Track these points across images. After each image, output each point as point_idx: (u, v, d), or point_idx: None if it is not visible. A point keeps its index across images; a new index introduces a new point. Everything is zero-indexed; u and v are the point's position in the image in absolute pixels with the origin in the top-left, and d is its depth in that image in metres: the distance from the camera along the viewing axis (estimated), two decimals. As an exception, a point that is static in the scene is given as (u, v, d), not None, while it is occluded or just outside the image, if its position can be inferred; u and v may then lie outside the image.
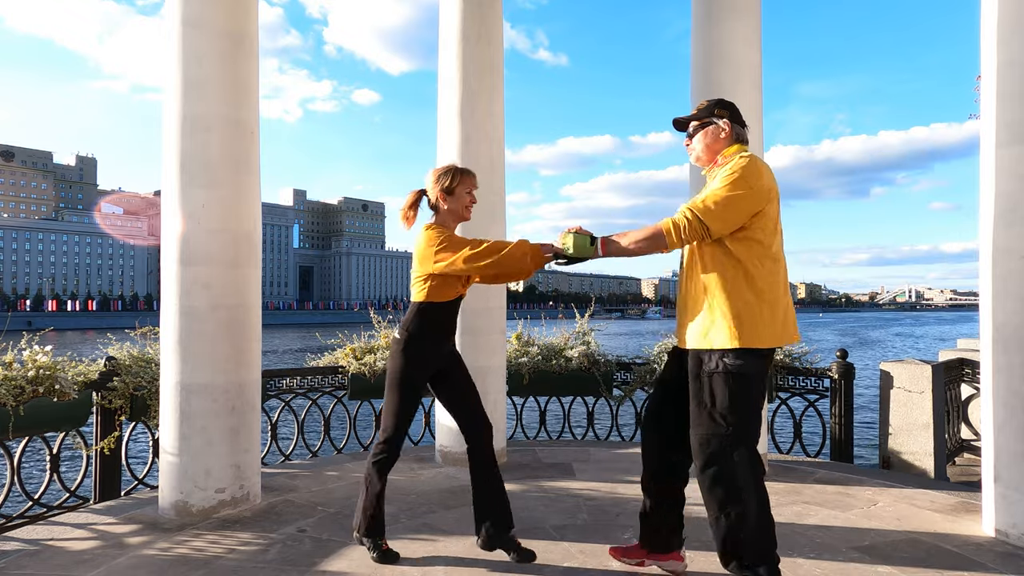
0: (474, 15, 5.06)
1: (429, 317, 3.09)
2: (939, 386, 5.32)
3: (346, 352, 5.90)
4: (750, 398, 2.58)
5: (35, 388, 4.08)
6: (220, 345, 3.89)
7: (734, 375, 2.54)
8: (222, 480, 3.89)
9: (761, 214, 2.57)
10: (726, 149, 2.74)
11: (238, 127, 3.98)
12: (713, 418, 2.55)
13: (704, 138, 2.78)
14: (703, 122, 2.79)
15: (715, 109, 2.78)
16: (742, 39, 4.78)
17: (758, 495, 2.54)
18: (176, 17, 3.89)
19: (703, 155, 2.79)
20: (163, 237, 3.95)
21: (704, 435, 2.57)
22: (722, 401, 2.54)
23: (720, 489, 2.54)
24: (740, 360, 2.53)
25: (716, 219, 2.52)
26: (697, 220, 2.52)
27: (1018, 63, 3.36)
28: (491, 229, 5.08)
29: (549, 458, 5.25)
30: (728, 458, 2.53)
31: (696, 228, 2.53)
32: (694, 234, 2.54)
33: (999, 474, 3.45)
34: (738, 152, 2.71)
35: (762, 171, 2.59)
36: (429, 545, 3.38)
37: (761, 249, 2.57)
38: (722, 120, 2.76)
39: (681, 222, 2.55)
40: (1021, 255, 3.35)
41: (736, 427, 2.54)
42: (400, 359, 3.09)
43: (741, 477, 2.53)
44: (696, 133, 2.81)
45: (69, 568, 3.12)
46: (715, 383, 2.55)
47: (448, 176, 3.12)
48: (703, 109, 2.81)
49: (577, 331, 6.44)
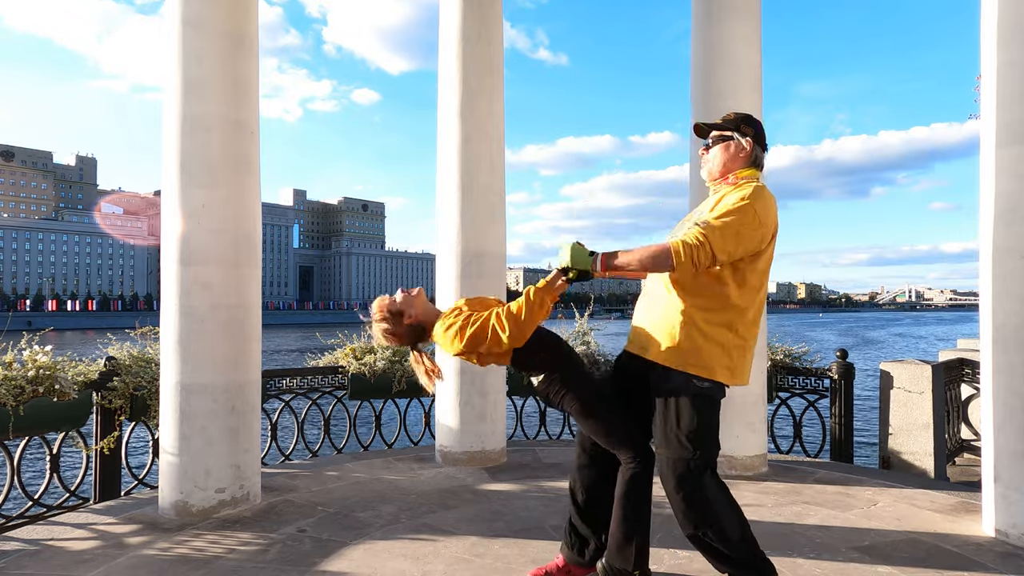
0: (474, 15, 5.05)
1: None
2: (939, 386, 5.32)
3: (346, 352, 5.90)
4: (715, 421, 2.57)
5: (35, 388, 4.08)
6: (220, 345, 3.89)
7: (703, 397, 2.50)
8: (222, 480, 3.88)
9: (759, 254, 2.49)
10: (741, 170, 2.60)
11: (238, 127, 3.98)
12: (680, 440, 2.50)
13: (723, 152, 2.62)
14: (726, 134, 2.64)
15: (741, 124, 2.63)
16: (742, 39, 4.78)
17: (732, 509, 2.53)
18: (176, 17, 3.89)
19: (716, 169, 2.64)
20: (163, 237, 3.95)
21: (672, 458, 2.52)
22: (690, 423, 2.49)
23: (694, 511, 2.51)
24: (710, 383, 2.50)
25: (723, 248, 2.37)
26: (709, 245, 2.35)
27: (1018, 63, 3.36)
28: (491, 229, 5.09)
29: (549, 458, 5.25)
30: (698, 480, 2.50)
31: (707, 254, 2.36)
32: (706, 259, 2.36)
33: (999, 474, 3.45)
34: (752, 178, 2.58)
35: (773, 208, 2.50)
36: (429, 545, 3.38)
37: (751, 285, 2.51)
38: (746, 138, 2.61)
39: (693, 243, 2.36)
40: (1021, 255, 3.35)
41: (703, 449, 2.52)
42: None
43: (714, 497, 2.51)
44: (716, 145, 2.65)
45: (69, 568, 3.12)
46: (683, 405, 2.50)
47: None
48: (729, 121, 2.65)
49: (577, 331, 6.45)
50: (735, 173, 2.61)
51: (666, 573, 2.97)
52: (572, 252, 2.45)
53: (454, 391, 5.00)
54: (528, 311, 2.47)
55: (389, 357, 5.83)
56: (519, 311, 2.47)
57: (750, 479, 4.57)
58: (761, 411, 4.87)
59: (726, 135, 2.64)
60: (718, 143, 2.65)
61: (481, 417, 5.01)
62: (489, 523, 3.70)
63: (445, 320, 2.58)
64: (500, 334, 2.46)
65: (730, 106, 4.75)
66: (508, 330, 2.45)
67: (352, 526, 3.66)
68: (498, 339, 2.47)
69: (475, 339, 2.50)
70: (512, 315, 2.47)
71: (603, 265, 2.46)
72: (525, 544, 3.37)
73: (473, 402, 4.97)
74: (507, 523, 3.70)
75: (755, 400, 4.80)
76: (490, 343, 2.48)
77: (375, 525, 3.67)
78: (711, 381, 2.50)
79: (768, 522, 3.67)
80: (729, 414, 4.71)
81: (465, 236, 5.02)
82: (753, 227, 2.41)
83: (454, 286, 5.02)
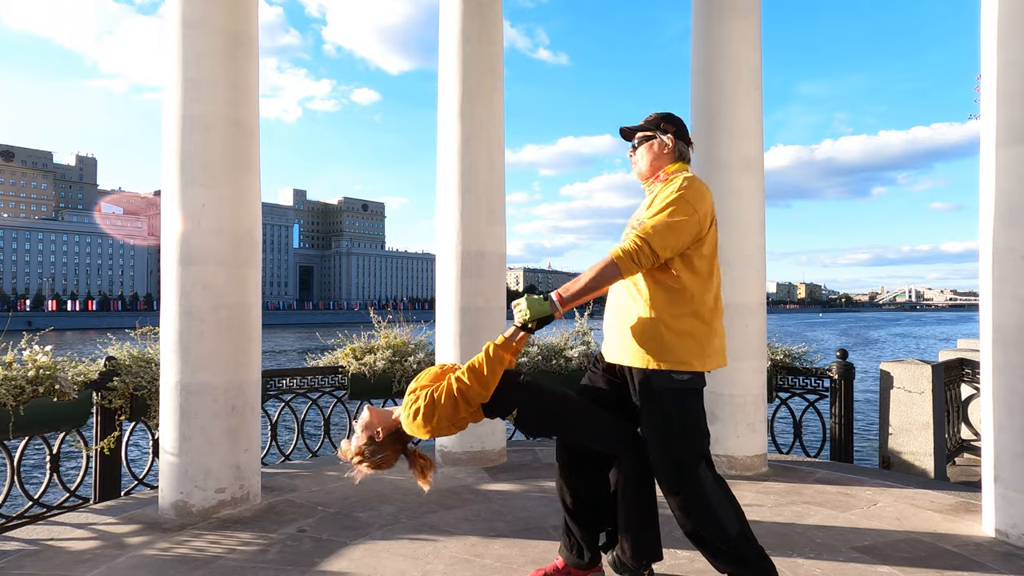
0: (474, 15, 5.05)
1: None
2: (939, 386, 5.32)
3: (346, 352, 5.90)
4: (701, 411, 2.61)
5: (35, 388, 4.08)
6: (220, 345, 3.89)
7: (685, 391, 2.54)
8: (222, 480, 3.88)
9: (701, 239, 2.55)
10: (669, 166, 2.71)
11: (238, 127, 3.98)
12: (670, 437, 2.53)
13: (648, 152, 2.73)
14: (648, 135, 2.75)
15: (661, 123, 2.74)
16: (742, 39, 4.78)
17: (731, 503, 2.54)
18: (176, 17, 3.89)
19: (645, 169, 2.74)
20: (163, 237, 3.95)
21: (664, 455, 2.54)
22: (676, 419, 2.53)
23: (692, 506, 2.53)
24: (689, 375, 2.54)
25: (663, 244, 2.47)
26: (647, 246, 2.46)
27: (1018, 63, 3.36)
28: (491, 229, 5.09)
29: (549, 458, 5.24)
30: (693, 473, 2.53)
31: (648, 254, 2.46)
32: (647, 260, 2.47)
33: (999, 474, 3.45)
34: (681, 171, 2.68)
35: (704, 194, 2.58)
36: (429, 545, 3.38)
37: (701, 272, 2.56)
38: (667, 135, 2.71)
39: (632, 249, 2.46)
40: (1021, 255, 3.35)
41: (694, 442, 2.55)
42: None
43: (710, 490, 2.53)
44: (640, 145, 2.76)
45: (69, 568, 3.12)
46: (667, 402, 2.53)
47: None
48: (650, 122, 2.76)
49: (576, 331, 6.45)
50: (663, 170, 2.71)
51: (666, 573, 2.97)
52: (529, 305, 2.51)
53: (454, 391, 4.99)
54: (489, 366, 2.49)
55: (389, 357, 5.83)
56: (480, 366, 2.49)
57: (750, 479, 4.57)
58: (761, 411, 4.87)
59: (649, 135, 2.75)
60: (643, 143, 2.76)
61: (481, 417, 5.01)
62: (489, 523, 3.70)
63: (407, 410, 2.57)
64: (466, 392, 2.48)
65: (730, 106, 4.78)
66: (472, 386, 2.48)
67: (352, 526, 3.66)
68: (466, 399, 2.49)
69: (445, 410, 2.50)
70: (474, 370, 2.50)
71: (560, 303, 2.52)
72: (525, 544, 3.37)
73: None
74: (507, 523, 3.70)
75: (755, 400, 4.80)
76: (459, 404, 2.49)
77: (375, 525, 3.67)
78: (690, 373, 2.54)
79: (768, 522, 3.67)
80: (729, 414, 4.73)
81: (465, 236, 5.02)
82: (687, 216, 2.50)
83: (454, 286, 5.03)
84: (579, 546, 2.82)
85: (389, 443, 2.66)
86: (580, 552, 2.82)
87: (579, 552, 2.83)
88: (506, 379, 2.63)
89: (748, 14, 4.81)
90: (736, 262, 4.70)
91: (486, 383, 2.50)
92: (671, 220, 2.48)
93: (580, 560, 2.83)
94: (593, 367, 2.87)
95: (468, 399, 2.50)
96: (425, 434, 2.55)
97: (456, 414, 2.52)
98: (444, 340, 5.08)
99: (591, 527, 2.82)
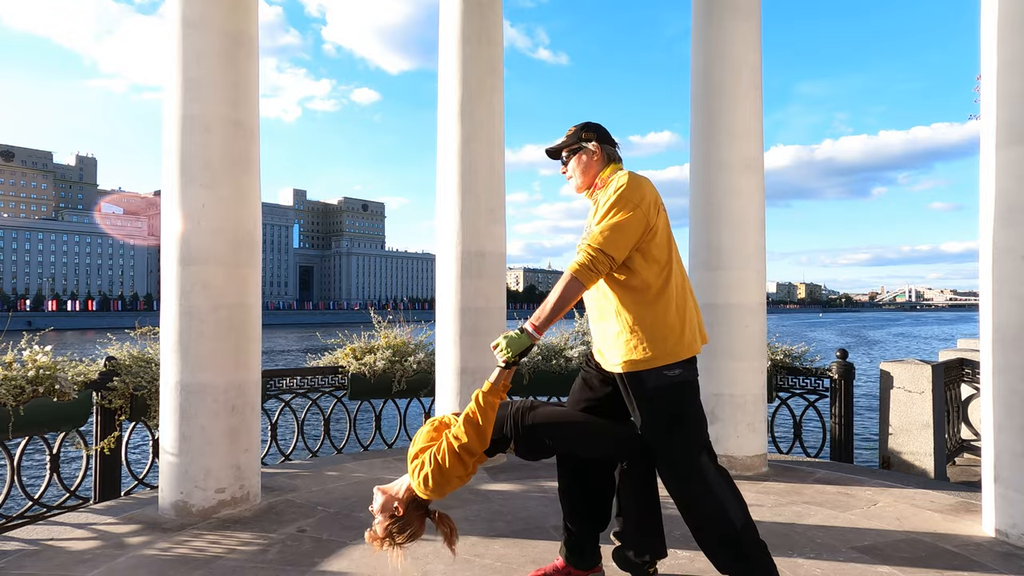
0: (474, 15, 5.05)
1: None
2: (939, 386, 5.32)
3: (346, 352, 5.90)
4: (697, 402, 2.62)
5: (35, 388, 4.08)
6: (220, 345, 3.89)
7: (679, 385, 2.55)
8: (222, 480, 3.88)
9: (652, 229, 2.57)
10: (602, 172, 2.73)
11: (238, 127, 3.98)
12: (669, 433, 2.55)
13: (577, 164, 2.76)
14: (572, 148, 2.78)
15: (582, 133, 2.77)
16: (742, 39, 4.78)
17: (733, 494, 2.55)
18: (176, 17, 3.89)
19: (580, 180, 2.77)
20: (163, 237, 3.95)
21: (666, 451, 2.56)
22: (674, 414, 2.55)
23: (696, 500, 2.54)
24: (678, 369, 2.55)
25: (615, 247, 2.50)
26: (600, 252, 2.49)
27: (1018, 63, 3.36)
28: (491, 229, 5.09)
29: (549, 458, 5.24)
30: (698, 469, 2.54)
31: (603, 260, 2.49)
32: (603, 267, 2.50)
33: (999, 474, 3.45)
34: (614, 172, 2.70)
35: (643, 186, 2.59)
36: (429, 545, 3.38)
37: (660, 259, 2.58)
38: (590, 143, 2.74)
39: (586, 260, 2.50)
40: (1021, 255, 3.35)
41: (693, 434, 2.57)
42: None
43: (713, 480, 2.54)
44: (569, 160, 2.79)
45: (69, 568, 3.12)
46: (662, 399, 2.54)
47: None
48: (571, 136, 2.79)
49: (576, 331, 6.45)
50: (599, 176, 2.74)
51: (666, 573, 2.96)
52: (509, 344, 2.52)
53: (454, 391, 5.00)
54: (483, 414, 2.50)
55: (389, 357, 5.83)
56: (474, 416, 2.50)
57: (750, 479, 4.57)
58: (761, 411, 4.87)
59: (574, 148, 2.78)
60: (571, 158, 2.79)
61: (481, 417, 5.00)
62: (489, 523, 3.70)
63: (416, 478, 2.57)
64: (468, 446, 2.49)
65: (730, 106, 4.78)
66: (471, 438, 2.48)
67: (352, 526, 3.66)
68: (468, 451, 2.50)
69: (453, 469, 2.50)
70: (469, 422, 2.51)
71: (536, 331, 2.54)
72: (525, 544, 3.37)
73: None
74: (507, 523, 3.70)
75: (755, 400, 4.80)
76: (464, 458, 2.50)
77: (375, 525, 3.67)
78: (679, 365, 2.55)
79: (768, 522, 3.67)
80: (729, 414, 4.73)
81: (465, 236, 5.02)
82: (630, 212, 2.51)
83: (454, 286, 5.03)
84: (579, 546, 2.83)
85: (411, 513, 2.66)
86: (580, 552, 2.83)
87: (579, 552, 2.83)
88: (499, 414, 2.64)
89: (748, 15, 4.81)
90: (736, 262, 4.70)
91: (483, 433, 2.51)
92: (616, 221, 2.50)
93: (580, 560, 2.83)
94: (586, 365, 2.88)
95: (470, 451, 2.51)
96: (438, 496, 2.57)
97: (464, 469, 2.53)
98: (444, 340, 5.08)
99: (592, 527, 2.82)
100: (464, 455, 2.50)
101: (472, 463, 2.55)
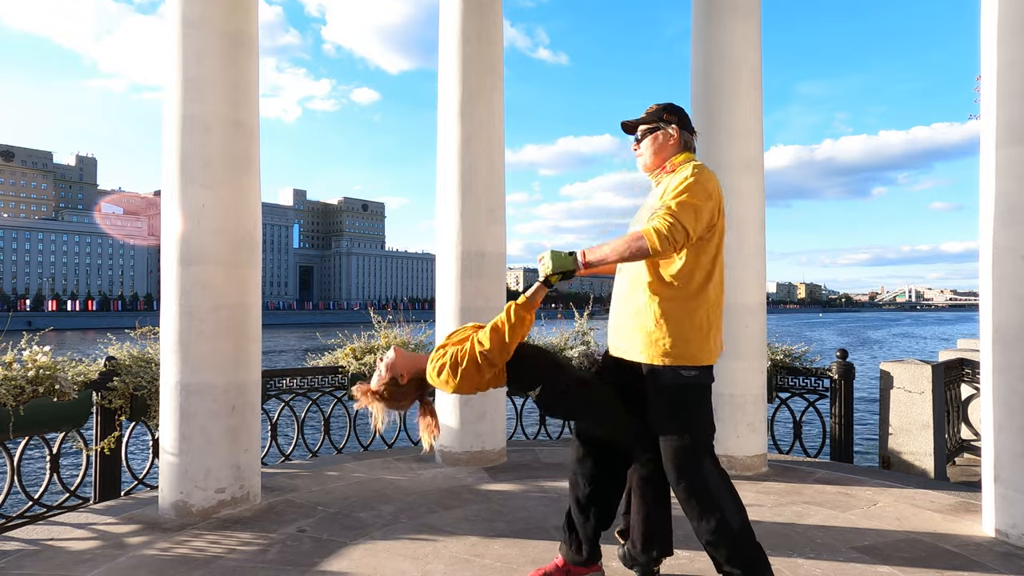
0: (474, 14, 5.06)
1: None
2: (939, 386, 5.32)
3: (346, 352, 5.91)
4: (708, 405, 2.64)
5: (35, 388, 4.08)
6: (220, 345, 3.89)
7: (693, 387, 2.56)
8: (222, 480, 3.88)
9: (713, 227, 2.55)
10: (674, 157, 2.69)
11: (238, 127, 3.98)
12: (677, 431, 2.56)
13: (652, 144, 2.71)
14: (651, 127, 2.72)
15: (664, 114, 2.71)
16: (742, 39, 4.78)
17: (732, 496, 2.56)
18: (176, 17, 3.89)
19: (651, 161, 2.72)
20: (163, 237, 3.95)
21: (671, 448, 2.57)
22: (684, 414, 2.56)
23: (697, 498, 2.55)
24: (697, 371, 2.55)
25: (692, 222, 2.42)
26: (679, 223, 2.39)
27: (1018, 63, 3.36)
28: (491, 229, 5.09)
29: (549, 458, 5.25)
30: (698, 465, 2.55)
31: (681, 231, 2.39)
32: (680, 237, 2.40)
33: (999, 474, 3.45)
34: (687, 161, 2.66)
35: (716, 183, 2.58)
36: (429, 545, 3.38)
37: (705, 264, 2.56)
38: (671, 126, 2.70)
39: (664, 227, 2.38)
40: (1021, 255, 3.35)
41: (700, 435, 2.58)
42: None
43: (714, 482, 2.55)
44: (644, 138, 2.74)
45: (69, 568, 3.12)
46: (675, 398, 2.55)
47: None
48: (652, 113, 2.74)
49: (576, 331, 6.45)
50: (670, 160, 2.70)
51: (667, 573, 2.96)
52: (553, 258, 2.51)
53: (454, 391, 4.99)
54: (510, 327, 2.47)
55: (389, 357, 5.83)
56: (501, 326, 2.48)
57: (750, 479, 4.57)
58: (761, 411, 4.87)
59: (652, 127, 2.73)
60: (646, 136, 2.74)
61: (481, 417, 5.01)
62: (489, 523, 3.70)
63: (433, 363, 2.56)
64: (488, 354, 2.46)
65: (730, 106, 4.78)
66: (494, 347, 2.46)
67: (352, 526, 3.66)
68: (489, 361, 2.47)
69: (467, 372, 2.48)
70: (495, 329, 2.48)
71: (583, 260, 2.51)
72: (525, 544, 3.37)
73: (473, 402, 4.97)
74: (507, 523, 3.70)
75: (755, 400, 4.80)
76: (482, 367, 2.48)
77: (375, 525, 3.67)
78: (696, 368, 2.55)
79: (768, 522, 3.67)
80: (729, 414, 4.73)
81: (465, 236, 5.02)
82: (704, 200, 2.48)
83: (454, 286, 5.03)
84: (580, 543, 2.83)
85: (411, 387, 2.67)
86: (580, 549, 2.83)
87: (579, 549, 2.83)
88: (538, 355, 2.63)
89: (748, 14, 4.81)
90: (736, 262, 4.70)
91: (507, 345, 2.47)
92: (694, 202, 2.45)
93: (580, 557, 2.83)
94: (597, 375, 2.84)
95: (491, 361, 2.47)
96: (448, 391, 2.55)
97: (479, 377, 2.50)
98: (444, 340, 5.07)
99: (596, 523, 2.81)
100: (484, 364, 2.46)
101: (488, 377, 2.50)
